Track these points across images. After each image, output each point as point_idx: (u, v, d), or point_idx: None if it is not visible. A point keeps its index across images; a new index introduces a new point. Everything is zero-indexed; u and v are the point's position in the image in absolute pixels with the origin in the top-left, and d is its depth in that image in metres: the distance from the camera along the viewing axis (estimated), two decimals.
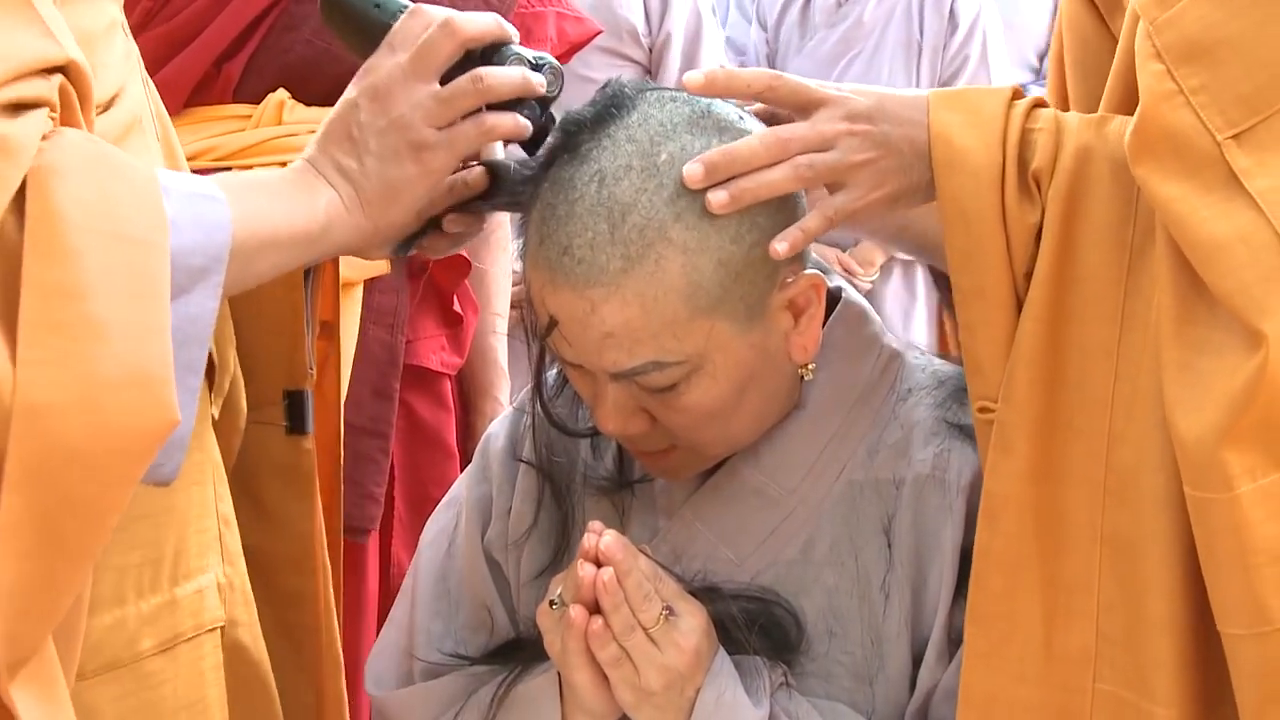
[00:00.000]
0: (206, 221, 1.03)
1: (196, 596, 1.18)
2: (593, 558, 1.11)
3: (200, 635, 1.19)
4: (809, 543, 1.23)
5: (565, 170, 1.14)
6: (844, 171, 1.11)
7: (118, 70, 1.14)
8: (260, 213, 1.09)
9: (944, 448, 1.22)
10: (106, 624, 1.10)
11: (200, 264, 1.02)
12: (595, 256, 1.10)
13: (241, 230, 1.05)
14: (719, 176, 1.10)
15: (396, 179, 1.14)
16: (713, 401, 1.15)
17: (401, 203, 1.14)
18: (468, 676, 1.27)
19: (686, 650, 1.13)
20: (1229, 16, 0.99)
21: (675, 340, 1.11)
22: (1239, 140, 0.98)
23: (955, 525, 1.19)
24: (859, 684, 1.21)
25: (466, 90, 1.14)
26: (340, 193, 1.14)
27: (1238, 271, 0.96)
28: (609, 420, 1.17)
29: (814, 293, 1.18)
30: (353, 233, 1.14)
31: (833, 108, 1.12)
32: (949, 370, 1.28)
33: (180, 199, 1.02)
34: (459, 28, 1.15)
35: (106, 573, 1.10)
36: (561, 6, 2.16)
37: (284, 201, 1.11)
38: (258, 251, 1.08)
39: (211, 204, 1.04)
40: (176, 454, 1.02)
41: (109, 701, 1.11)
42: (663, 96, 1.17)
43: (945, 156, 1.10)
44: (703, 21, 2.89)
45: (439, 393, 2.08)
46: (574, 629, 1.11)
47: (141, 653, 1.13)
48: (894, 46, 3.14)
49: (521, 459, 1.32)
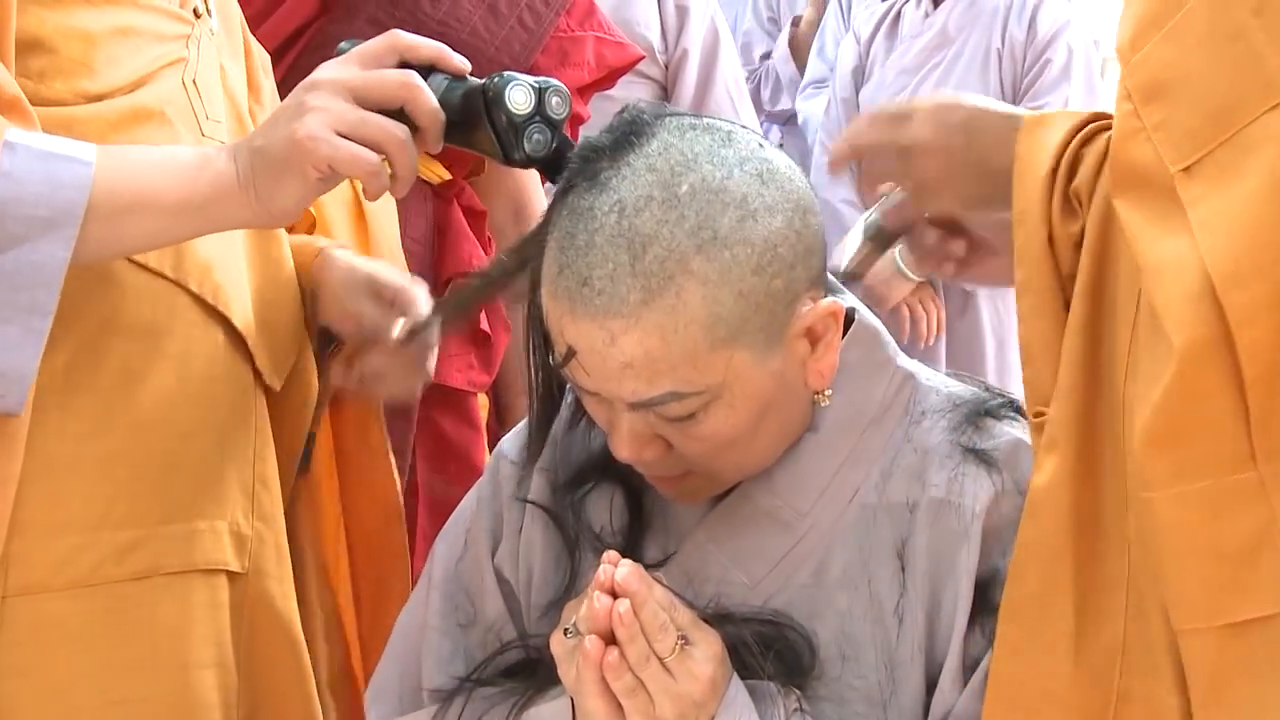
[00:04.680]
0: (58, 178, 1.12)
1: (186, 538, 1.29)
2: (608, 588, 1.10)
3: (191, 573, 1.30)
4: (822, 566, 1.22)
5: (584, 198, 1.13)
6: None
7: (127, 70, 1.26)
8: (133, 176, 1.17)
9: (958, 472, 1.21)
10: (73, 545, 1.23)
11: (45, 215, 1.12)
12: (615, 288, 1.09)
13: (104, 192, 1.14)
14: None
15: (280, 162, 1.17)
16: (730, 430, 1.15)
17: (284, 187, 1.18)
18: (477, 700, 1.27)
19: (701, 679, 1.12)
20: (1181, 56, 1.04)
21: (694, 371, 1.11)
22: (1189, 172, 1.03)
23: (970, 550, 1.19)
24: (872, 709, 1.20)
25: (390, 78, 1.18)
26: (240, 168, 1.18)
27: (1165, 289, 1.01)
28: (624, 448, 1.17)
29: (832, 320, 1.17)
30: (241, 208, 1.19)
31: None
32: (963, 393, 1.28)
33: (30, 156, 1.12)
34: (398, 34, 1.21)
35: (74, 502, 1.23)
36: (602, 31, 2.13)
37: (167, 172, 1.19)
38: (127, 212, 1.16)
39: (69, 164, 1.14)
40: (16, 386, 1.14)
41: (74, 614, 1.23)
42: (682, 124, 1.16)
43: (1025, 151, 1.15)
44: (719, 38, 2.86)
45: (466, 411, 2.07)
46: (589, 660, 1.10)
47: (111, 576, 1.25)
48: (973, 54, 3.14)
49: (527, 500, 1.32)
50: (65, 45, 1.23)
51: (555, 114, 1.17)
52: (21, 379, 1.14)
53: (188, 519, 1.30)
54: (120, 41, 1.27)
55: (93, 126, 1.23)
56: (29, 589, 1.21)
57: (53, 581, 1.22)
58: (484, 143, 1.20)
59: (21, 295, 1.13)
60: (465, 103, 1.19)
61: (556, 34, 2.04)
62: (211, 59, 1.37)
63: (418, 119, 1.19)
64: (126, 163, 1.17)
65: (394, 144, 1.17)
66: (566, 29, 2.08)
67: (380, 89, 1.18)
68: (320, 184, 1.19)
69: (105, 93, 1.25)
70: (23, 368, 1.14)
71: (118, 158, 1.17)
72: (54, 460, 1.21)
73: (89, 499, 1.24)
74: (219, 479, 1.33)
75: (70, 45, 1.23)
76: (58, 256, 1.13)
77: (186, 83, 1.32)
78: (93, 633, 1.24)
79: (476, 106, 1.18)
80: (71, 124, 1.21)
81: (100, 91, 1.24)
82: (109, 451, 1.25)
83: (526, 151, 1.17)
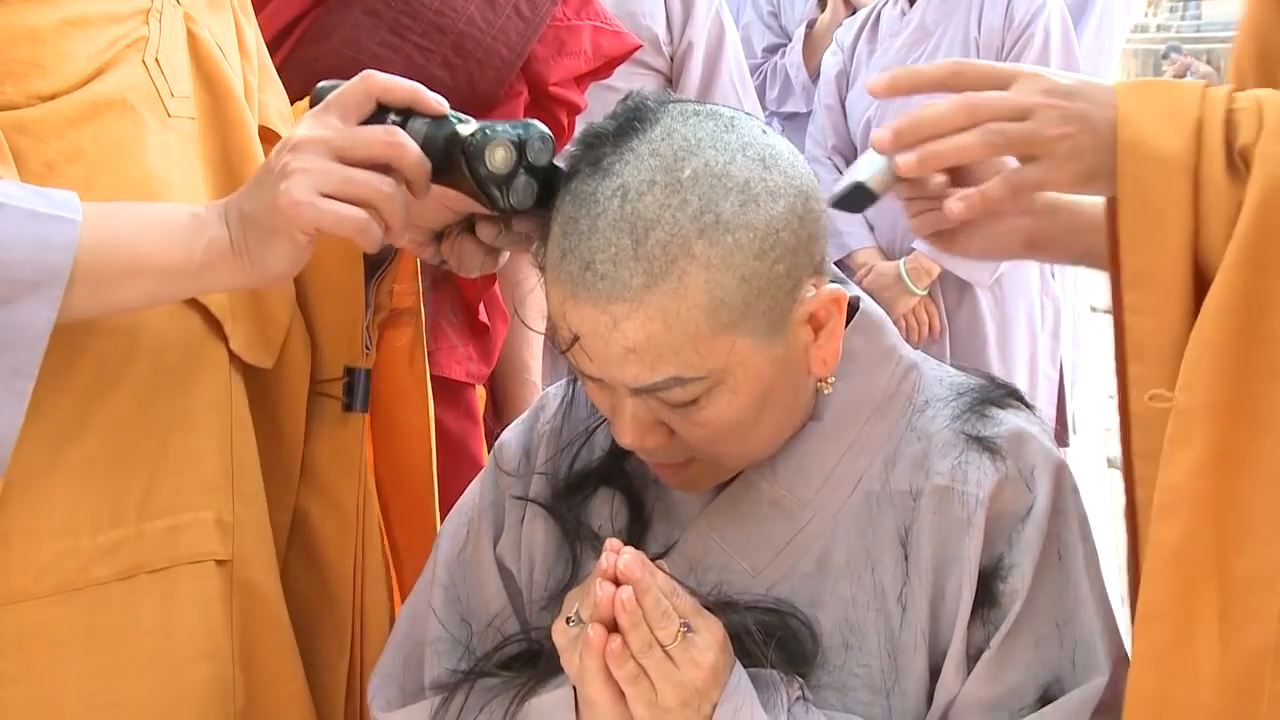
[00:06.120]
0: (44, 240, 1.11)
1: (170, 532, 1.28)
2: (611, 576, 1.10)
3: (176, 567, 1.29)
4: (825, 554, 1.22)
5: (587, 184, 1.13)
6: (1040, 144, 1.10)
7: (81, 61, 1.24)
8: (126, 242, 1.16)
9: (962, 460, 1.21)
10: (56, 551, 1.22)
11: (31, 278, 1.11)
12: (618, 272, 1.09)
13: (94, 254, 1.13)
14: (906, 141, 1.09)
15: (269, 227, 1.17)
16: (733, 416, 1.15)
17: (274, 251, 1.18)
18: (479, 691, 1.26)
19: (703, 667, 1.12)
20: None
21: (697, 356, 1.11)
22: None
23: (975, 538, 1.18)
24: (875, 696, 1.20)
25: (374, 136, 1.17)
26: (232, 234, 1.18)
27: None
28: (627, 433, 1.16)
29: (834, 307, 1.17)
30: (235, 273, 1.19)
31: (1030, 80, 1.11)
32: (966, 381, 1.28)
33: (18, 217, 1.11)
34: (372, 77, 1.19)
35: (56, 507, 1.21)
36: (599, 20, 2.13)
37: (161, 236, 1.18)
38: (118, 276, 1.16)
39: (57, 224, 1.12)
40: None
41: (58, 621, 1.22)
42: (685, 110, 1.15)
43: (1131, 139, 1.09)
44: (724, 31, 2.86)
45: (465, 403, 2.07)
46: (592, 648, 1.10)
47: (96, 579, 1.24)
48: (951, 44, 3.14)
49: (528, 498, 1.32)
50: (12, 47, 1.21)
51: (538, 161, 1.16)
52: (4, 439, 1.13)
53: (172, 513, 1.29)
54: (70, 34, 1.24)
55: (48, 126, 1.21)
56: (11, 598, 1.20)
57: (36, 589, 1.21)
58: (468, 190, 1.19)
59: (4, 357, 1.11)
60: (447, 150, 1.18)
61: (553, 23, 2.04)
62: (176, 29, 1.34)
63: (404, 173, 1.17)
64: (115, 225, 1.16)
65: (381, 199, 1.15)
66: (563, 18, 2.07)
67: (366, 148, 1.16)
68: (310, 246, 1.18)
69: (59, 90, 1.23)
70: (4, 428, 1.13)
71: (107, 218, 1.16)
72: (32, 468, 1.19)
73: (70, 504, 1.22)
74: (200, 469, 1.32)
75: (18, 47, 1.21)
76: (42, 317, 1.12)
77: (148, 62, 1.30)
78: (79, 638, 1.23)
79: (458, 159, 1.17)
80: (27, 126, 1.19)
81: (54, 90, 1.23)
82: (88, 454, 1.23)
83: (512, 203, 1.16)
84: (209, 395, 1.33)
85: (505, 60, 1.99)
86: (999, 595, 1.19)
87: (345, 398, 1.44)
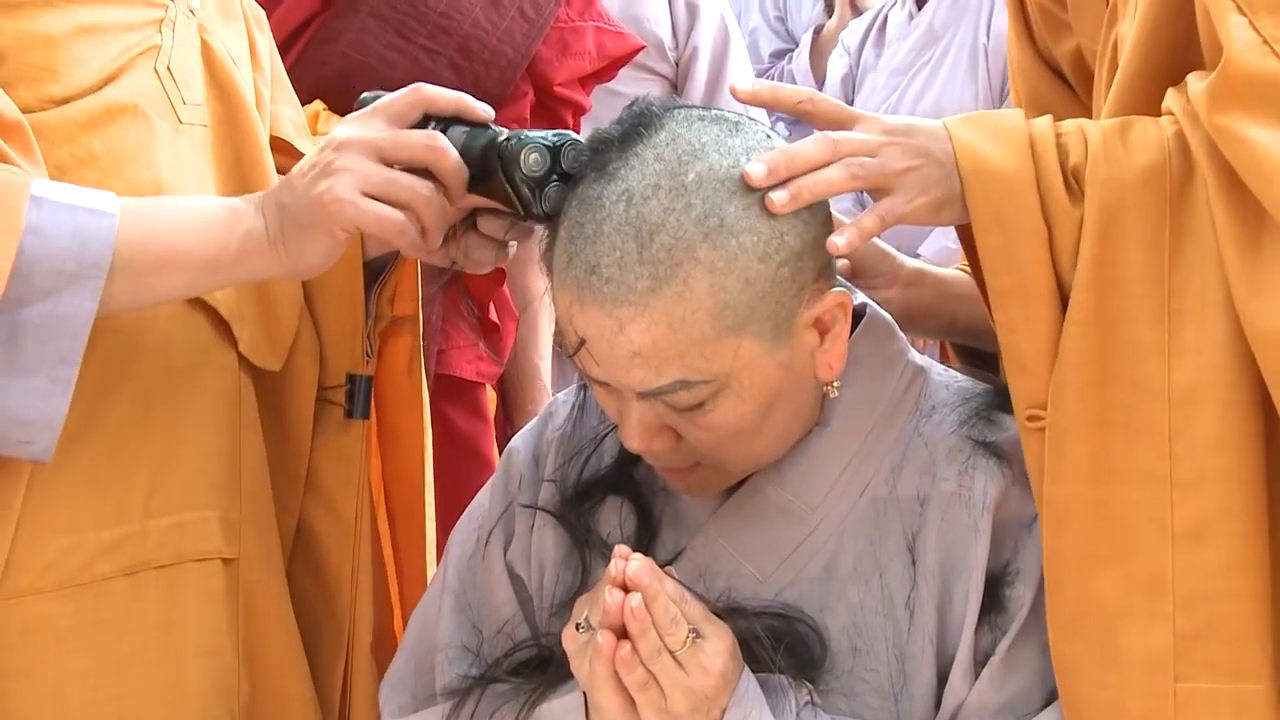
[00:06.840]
0: (85, 233, 1.14)
1: (175, 530, 1.30)
2: (620, 583, 1.10)
3: (182, 565, 1.31)
4: (833, 560, 1.22)
5: (592, 188, 1.13)
6: (890, 177, 1.14)
7: (94, 68, 1.26)
8: (161, 234, 1.19)
9: (969, 465, 1.21)
10: (61, 546, 1.24)
11: (73, 269, 1.13)
12: (623, 276, 1.09)
13: (133, 247, 1.16)
14: (780, 176, 1.11)
15: (308, 222, 1.19)
16: (739, 420, 1.15)
17: (311, 244, 1.20)
18: (490, 696, 1.26)
19: (712, 673, 1.12)
20: None
21: (703, 359, 1.11)
22: None
23: (981, 543, 1.18)
24: (883, 701, 1.20)
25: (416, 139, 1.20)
26: (269, 226, 1.20)
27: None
28: (634, 438, 1.17)
29: (840, 311, 1.17)
30: (271, 264, 1.22)
31: (871, 123, 1.17)
32: (973, 387, 1.28)
33: (56, 209, 1.13)
34: (421, 90, 1.22)
35: (61, 504, 1.23)
36: (602, 21, 2.15)
37: (198, 229, 1.20)
38: (157, 268, 1.18)
39: (95, 217, 1.15)
40: (44, 433, 1.16)
41: (65, 616, 1.24)
42: (690, 115, 1.16)
43: (972, 164, 1.14)
44: (730, 36, 2.86)
45: (475, 402, 2.07)
46: (602, 655, 1.10)
47: (100, 574, 1.26)
48: (959, 50, 3.14)
49: (537, 506, 1.32)
50: (27, 52, 1.23)
51: (572, 168, 1.17)
52: (50, 426, 1.16)
53: (177, 511, 1.31)
54: (84, 40, 1.26)
55: (61, 130, 1.23)
56: (17, 592, 1.21)
57: (41, 583, 1.23)
58: (502, 196, 1.20)
59: (49, 346, 1.14)
60: (484, 157, 1.20)
61: (557, 24, 2.05)
62: (190, 38, 1.36)
63: (442, 178, 1.20)
64: (152, 216, 1.19)
65: (420, 202, 1.19)
66: (567, 19, 2.08)
67: (409, 151, 1.20)
68: (346, 242, 1.22)
69: (72, 95, 1.25)
70: (51, 415, 1.16)
71: (143, 211, 1.19)
72: (38, 465, 1.20)
73: (75, 500, 1.24)
74: (206, 469, 1.33)
75: (32, 52, 1.23)
76: (85, 308, 1.15)
77: (160, 70, 1.32)
78: (83, 632, 1.25)
79: (494, 164, 1.19)
80: (40, 130, 1.21)
81: (66, 94, 1.25)
82: (94, 454, 1.25)
83: (545, 210, 1.18)
84: (217, 396, 1.35)
85: (510, 61, 1.99)
86: (1006, 601, 1.19)
87: (347, 404, 1.45)
